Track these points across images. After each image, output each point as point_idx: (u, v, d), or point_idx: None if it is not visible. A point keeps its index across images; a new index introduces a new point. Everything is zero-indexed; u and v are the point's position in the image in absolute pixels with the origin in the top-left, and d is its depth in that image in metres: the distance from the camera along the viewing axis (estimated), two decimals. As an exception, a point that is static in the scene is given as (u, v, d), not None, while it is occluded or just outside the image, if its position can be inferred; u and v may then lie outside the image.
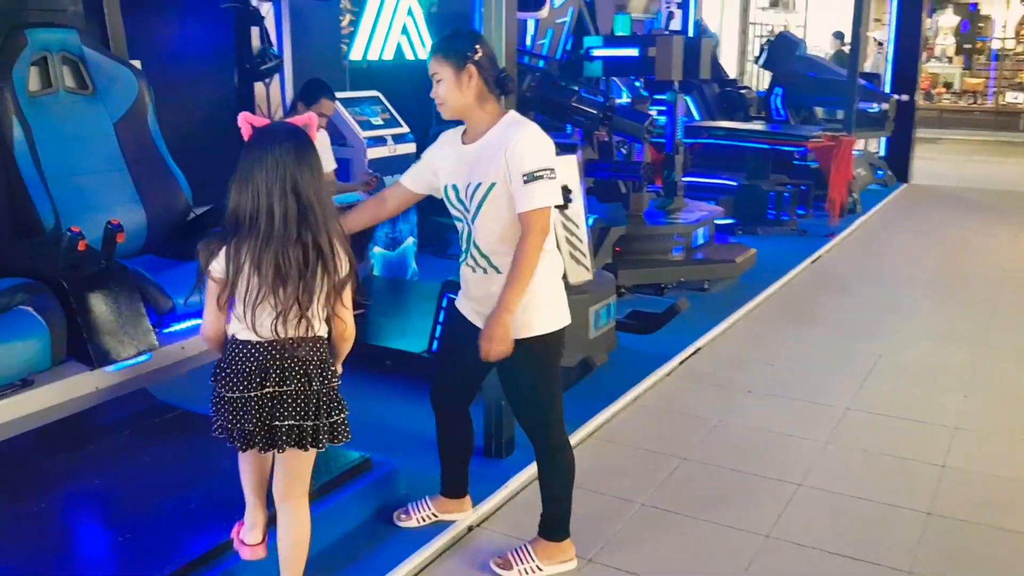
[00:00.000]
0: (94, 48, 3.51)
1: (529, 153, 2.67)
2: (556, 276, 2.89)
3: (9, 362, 2.54)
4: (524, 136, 2.69)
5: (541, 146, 2.71)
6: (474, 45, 2.74)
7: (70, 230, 2.75)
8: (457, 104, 2.76)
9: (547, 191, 2.67)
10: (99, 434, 3.70)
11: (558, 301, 2.89)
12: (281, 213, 2.26)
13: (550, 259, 2.84)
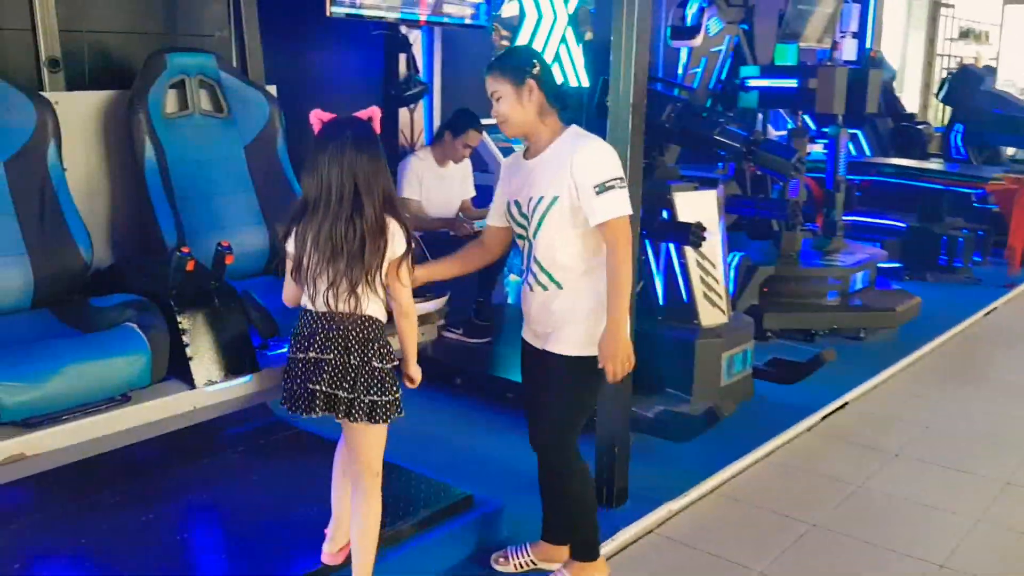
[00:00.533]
0: (231, 73, 3.59)
1: (597, 164, 2.64)
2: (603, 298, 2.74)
3: (109, 377, 2.58)
4: (591, 148, 2.67)
5: (608, 157, 2.68)
6: (531, 60, 2.72)
7: (180, 250, 2.79)
8: (519, 120, 2.72)
9: (619, 200, 2.63)
10: (219, 447, 3.76)
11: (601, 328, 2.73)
12: (338, 194, 2.45)
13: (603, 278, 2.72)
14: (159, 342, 2.70)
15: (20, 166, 2.97)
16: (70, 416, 2.50)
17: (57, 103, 3.22)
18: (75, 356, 2.52)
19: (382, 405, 2.56)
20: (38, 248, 2.95)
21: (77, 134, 3.30)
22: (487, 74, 2.74)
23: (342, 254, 2.46)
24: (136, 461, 3.44)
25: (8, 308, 2.91)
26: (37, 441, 2.43)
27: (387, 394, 2.57)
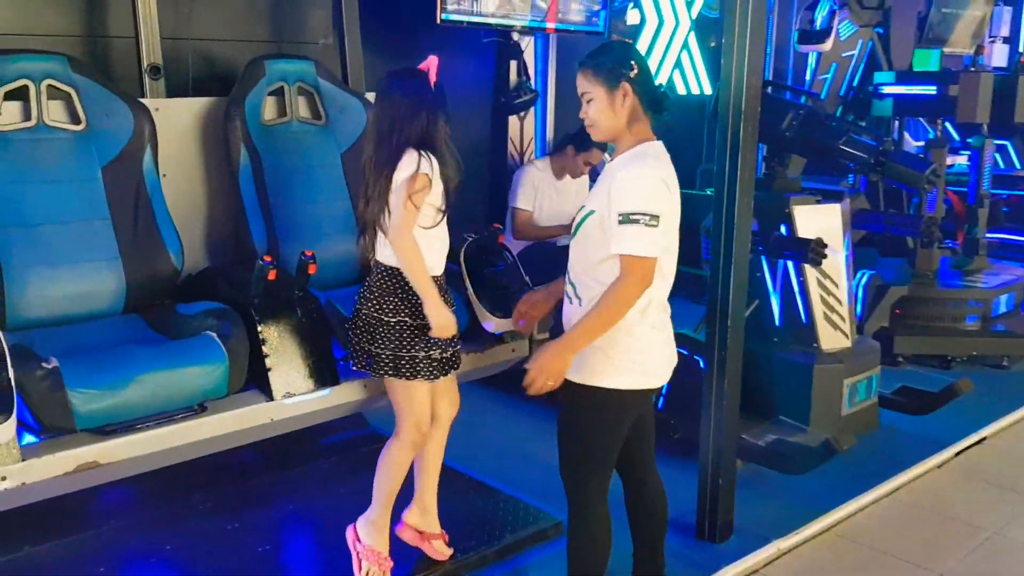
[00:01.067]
0: (330, 80, 3.55)
1: (631, 193, 2.35)
2: (647, 334, 2.50)
3: (185, 386, 2.54)
4: (633, 175, 2.38)
5: (647, 187, 2.37)
6: (629, 60, 2.45)
7: (262, 259, 2.74)
8: (609, 126, 2.48)
9: (640, 238, 2.33)
10: (312, 455, 3.73)
11: (633, 360, 2.48)
12: (375, 142, 2.59)
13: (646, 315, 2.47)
14: (238, 352, 2.64)
15: (117, 171, 2.99)
16: (145, 425, 2.47)
17: (157, 109, 3.24)
18: (151, 364, 2.49)
19: (376, 357, 2.59)
20: (131, 253, 2.96)
21: (176, 140, 3.31)
22: (579, 71, 2.52)
23: (365, 196, 2.57)
24: (227, 466, 3.44)
25: (101, 312, 2.92)
26: (111, 450, 2.41)
27: (384, 348, 2.59)
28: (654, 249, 2.34)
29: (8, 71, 2.86)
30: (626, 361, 2.47)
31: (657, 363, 2.54)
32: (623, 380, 2.48)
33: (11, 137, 2.86)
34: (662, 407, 4.26)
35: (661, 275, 2.44)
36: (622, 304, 2.37)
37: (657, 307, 2.50)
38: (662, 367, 2.56)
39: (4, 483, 2.24)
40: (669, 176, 2.43)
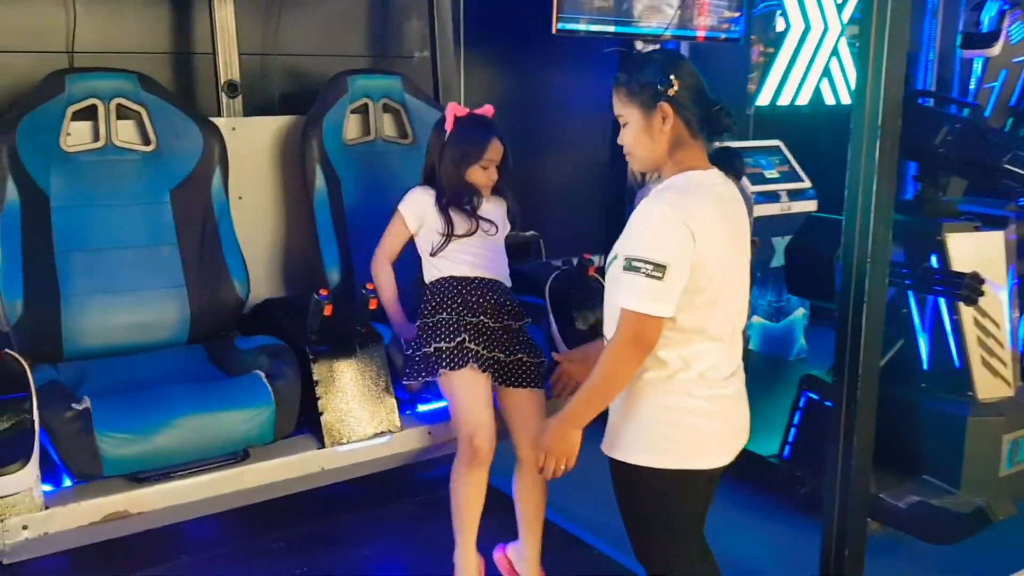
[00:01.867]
0: (418, 96, 3.32)
1: (638, 235, 1.94)
2: (694, 405, 2.02)
3: (226, 431, 2.34)
4: (647, 212, 1.95)
5: (657, 230, 1.92)
6: (668, 74, 1.98)
7: (319, 292, 2.52)
8: (647, 155, 2.05)
9: (635, 290, 1.90)
10: (396, 493, 3.50)
11: (664, 433, 2.02)
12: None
13: (697, 382, 2.01)
14: (286, 395, 2.43)
15: (185, 194, 2.85)
16: (179, 473, 2.28)
17: (234, 129, 3.10)
18: (189, 407, 2.30)
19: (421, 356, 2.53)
20: (196, 281, 2.81)
21: (254, 161, 3.16)
22: (613, 91, 2.07)
23: None
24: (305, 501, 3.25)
25: (162, 343, 2.78)
26: (142, 499, 2.24)
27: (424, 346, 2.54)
28: (655, 305, 1.90)
29: (77, 90, 2.77)
30: (653, 435, 2.02)
31: (704, 441, 2.04)
32: (658, 459, 2.03)
33: (79, 159, 2.76)
34: (788, 456, 3.82)
35: (706, 336, 1.99)
36: (618, 368, 1.96)
37: (712, 374, 2.02)
38: (714, 446, 2.05)
39: (25, 532, 2.10)
40: (707, 216, 1.95)
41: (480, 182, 2.72)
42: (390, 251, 2.77)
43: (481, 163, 2.70)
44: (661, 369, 2.00)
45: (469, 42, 4.90)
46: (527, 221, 4.52)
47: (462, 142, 2.70)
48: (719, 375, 2.04)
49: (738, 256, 2.07)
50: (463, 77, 4.95)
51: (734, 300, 2.06)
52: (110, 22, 3.16)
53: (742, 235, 2.11)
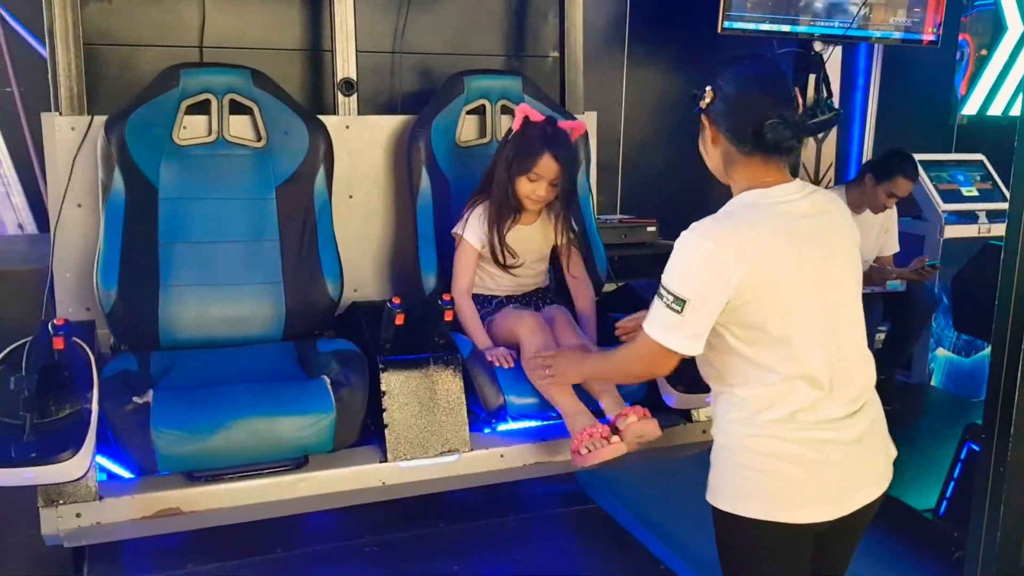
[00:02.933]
0: (538, 97, 3.15)
1: (671, 260, 1.79)
2: (785, 450, 1.79)
3: (283, 437, 2.28)
4: (683, 238, 1.77)
5: (688, 261, 1.76)
6: (705, 85, 1.84)
7: (391, 300, 2.42)
8: (713, 171, 1.93)
9: (654, 316, 1.81)
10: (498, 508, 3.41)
11: (761, 482, 1.80)
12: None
13: (768, 424, 1.80)
14: (350, 403, 2.34)
15: (289, 192, 2.84)
16: (234, 475, 2.25)
17: (348, 127, 3.07)
18: (247, 409, 2.25)
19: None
20: (291, 278, 2.79)
21: (366, 159, 3.11)
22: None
23: None
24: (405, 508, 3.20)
25: (258, 338, 2.78)
26: (195, 498, 2.22)
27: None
28: (671, 338, 1.78)
29: (191, 84, 2.81)
30: (740, 479, 1.83)
31: (798, 492, 1.80)
32: (745, 507, 1.83)
33: (190, 151, 2.81)
34: (944, 513, 3.38)
35: (786, 375, 1.78)
36: (621, 369, 2.09)
37: (807, 416, 1.79)
38: (813, 499, 1.81)
39: (79, 520, 2.13)
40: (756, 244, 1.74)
41: (525, 194, 2.67)
42: (467, 283, 2.75)
43: (528, 175, 2.64)
44: (742, 409, 1.83)
45: (632, 40, 4.69)
46: (684, 230, 4.27)
47: (518, 147, 2.66)
48: (818, 417, 1.80)
49: (820, 283, 1.81)
50: (625, 75, 4.75)
51: (819, 335, 1.79)
52: (237, 18, 3.21)
53: (834, 257, 1.84)
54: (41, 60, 3.20)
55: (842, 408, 1.82)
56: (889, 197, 4.22)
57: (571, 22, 3.30)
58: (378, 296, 3.11)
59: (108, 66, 3.08)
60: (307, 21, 3.30)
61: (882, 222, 4.40)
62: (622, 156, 4.70)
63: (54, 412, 2.08)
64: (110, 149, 2.63)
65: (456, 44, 3.48)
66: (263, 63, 2.98)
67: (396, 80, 3.39)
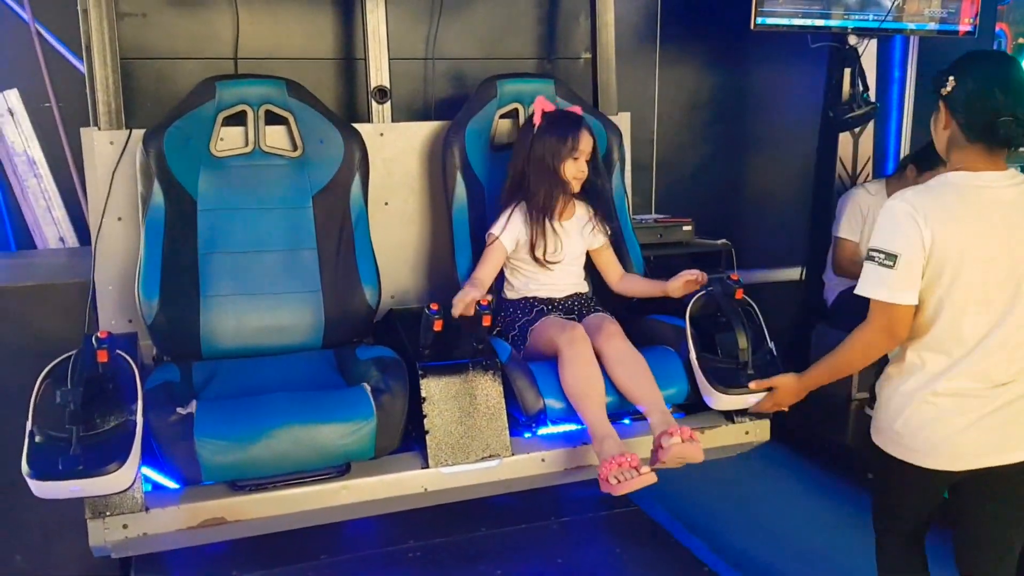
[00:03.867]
0: (571, 100, 3.14)
1: (877, 227, 2.08)
2: (927, 401, 2.10)
3: (325, 445, 2.29)
4: (887, 206, 2.08)
5: (889, 221, 2.05)
6: (948, 74, 2.07)
7: (429, 306, 2.42)
8: (937, 146, 2.17)
9: (872, 278, 2.06)
10: (542, 511, 3.37)
11: (890, 424, 2.17)
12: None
13: (935, 382, 2.09)
14: (391, 410, 2.35)
15: (326, 200, 2.86)
16: (277, 484, 2.26)
17: (382, 134, 3.08)
18: (288, 417, 2.27)
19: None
20: (330, 286, 2.80)
21: (401, 166, 3.12)
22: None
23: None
24: (449, 513, 3.20)
25: (299, 346, 2.80)
26: (239, 507, 2.24)
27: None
28: (888, 293, 2.04)
29: (227, 96, 2.83)
30: (884, 422, 2.19)
31: (930, 441, 2.10)
32: (883, 441, 2.21)
33: (227, 163, 2.83)
34: None
35: (940, 342, 2.06)
36: (861, 352, 2.16)
37: (958, 380, 2.06)
38: (940, 449, 2.09)
39: (125, 531, 2.15)
40: (948, 214, 2.01)
41: (572, 175, 2.78)
42: (484, 276, 2.78)
43: (573, 155, 2.76)
44: (899, 363, 2.15)
45: (664, 38, 4.66)
46: (720, 229, 4.24)
47: (554, 134, 2.76)
48: (961, 384, 2.06)
49: (1004, 264, 2.03)
50: (657, 74, 4.73)
51: (984, 309, 2.03)
52: (271, 29, 3.23)
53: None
54: (79, 75, 3.25)
55: (989, 379, 2.05)
56: None
57: (602, 22, 3.28)
58: (415, 302, 3.11)
59: (145, 80, 3.12)
60: (340, 30, 3.32)
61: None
62: (656, 155, 4.67)
63: (99, 425, 2.10)
64: (149, 162, 2.66)
65: (488, 48, 3.48)
66: (297, 73, 2.99)
67: (429, 86, 3.40)
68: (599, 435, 2.37)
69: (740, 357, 2.53)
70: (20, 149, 3.62)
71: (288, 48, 3.25)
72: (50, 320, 2.87)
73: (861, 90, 4.45)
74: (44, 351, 2.27)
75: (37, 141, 3.62)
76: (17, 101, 3.59)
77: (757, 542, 3.27)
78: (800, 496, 3.02)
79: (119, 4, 2.95)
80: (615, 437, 2.37)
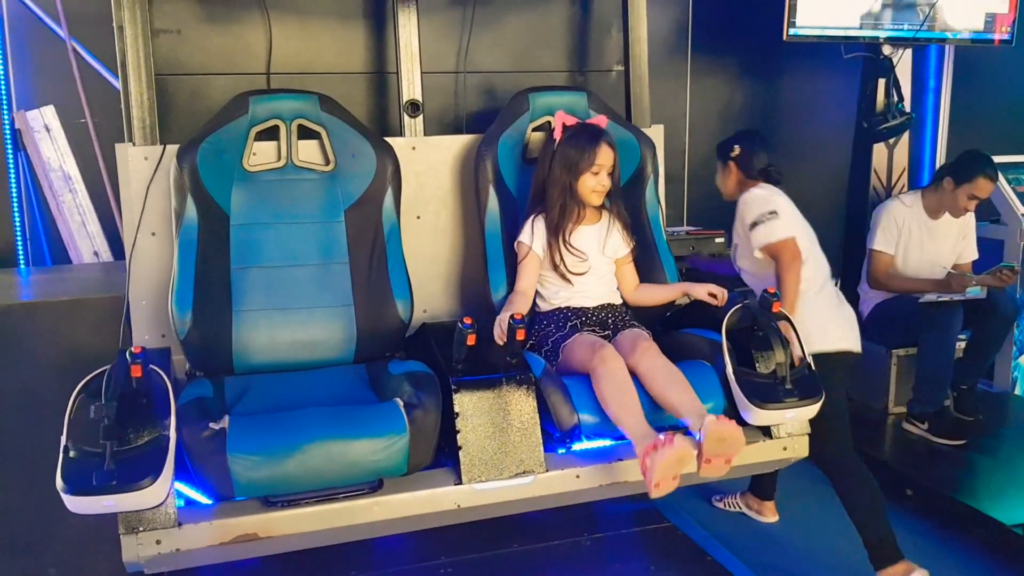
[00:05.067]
0: (602, 111, 3.12)
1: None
2: (821, 307, 3.01)
3: (358, 460, 2.27)
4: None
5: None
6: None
7: (462, 320, 2.40)
8: None
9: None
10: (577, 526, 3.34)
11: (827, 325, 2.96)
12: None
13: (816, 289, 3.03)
14: (424, 426, 2.33)
15: (358, 214, 2.85)
16: (309, 500, 2.25)
17: (414, 148, 3.07)
18: (321, 432, 2.25)
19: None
20: (362, 300, 2.79)
21: (433, 180, 3.11)
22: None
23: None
24: (479, 529, 3.18)
25: (331, 361, 2.79)
26: (272, 523, 2.22)
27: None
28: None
29: (260, 111, 2.84)
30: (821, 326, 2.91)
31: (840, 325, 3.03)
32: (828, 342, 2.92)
33: (260, 177, 2.83)
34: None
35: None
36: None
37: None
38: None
39: (158, 547, 2.15)
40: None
41: (591, 189, 2.81)
42: (526, 286, 2.82)
43: (592, 169, 2.78)
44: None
45: (695, 50, 4.64)
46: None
47: (572, 148, 2.80)
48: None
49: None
50: (689, 86, 4.70)
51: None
52: (304, 44, 3.24)
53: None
54: (113, 91, 3.27)
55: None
56: (970, 200, 4.09)
57: (635, 35, 3.26)
58: (447, 317, 3.09)
59: (178, 95, 3.13)
60: (372, 44, 3.32)
61: (960, 228, 4.26)
62: (688, 168, 4.65)
63: (133, 440, 2.10)
64: (182, 177, 2.67)
65: (519, 61, 3.46)
66: (329, 87, 3.00)
67: (461, 100, 3.39)
68: (637, 435, 2.36)
69: (777, 372, 2.49)
70: (56, 165, 3.66)
71: (320, 63, 3.25)
72: (84, 335, 2.89)
73: (896, 100, 4.40)
74: (78, 366, 2.28)
75: (72, 157, 3.66)
76: (53, 117, 3.63)
77: (792, 560, 3.22)
78: (835, 513, 2.97)
79: (154, 21, 2.97)
80: (653, 434, 2.34)
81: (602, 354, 2.49)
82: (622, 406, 2.41)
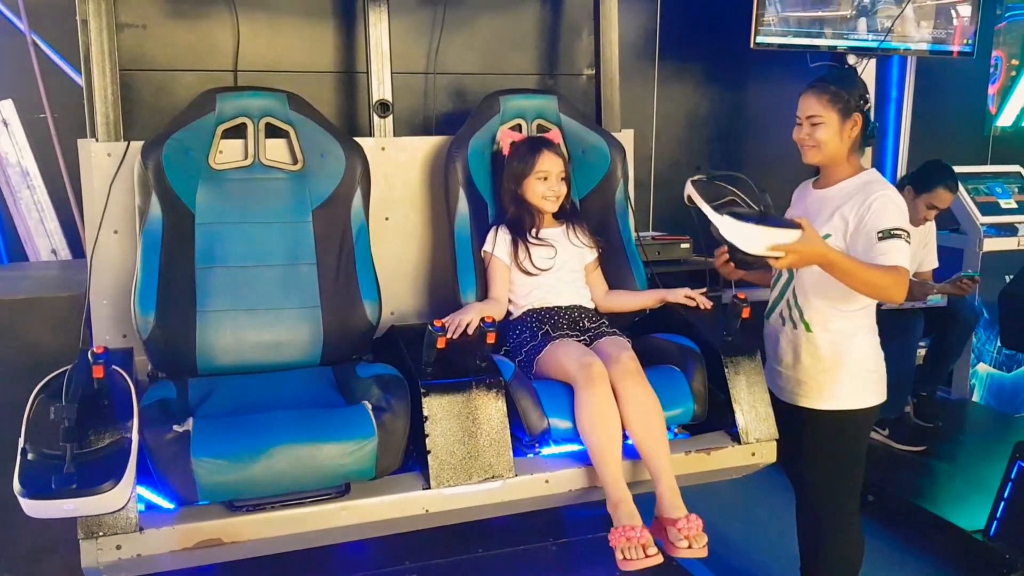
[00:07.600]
0: (574, 117, 3.12)
1: (889, 212, 2.50)
2: (874, 353, 2.72)
3: (324, 464, 2.24)
4: (882, 195, 2.54)
5: (900, 205, 2.56)
6: (865, 94, 2.63)
7: (433, 323, 2.38)
8: (833, 152, 2.63)
9: (903, 251, 2.45)
10: (539, 532, 3.33)
11: (871, 378, 2.70)
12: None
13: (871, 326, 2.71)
14: (392, 429, 2.30)
15: (326, 215, 2.81)
16: (275, 505, 2.21)
17: (384, 148, 3.04)
18: (288, 436, 2.21)
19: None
20: (329, 302, 2.75)
21: (402, 181, 3.08)
22: (812, 93, 2.64)
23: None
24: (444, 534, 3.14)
25: (297, 363, 2.74)
26: (236, 527, 2.18)
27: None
28: (907, 260, 2.45)
29: (227, 108, 2.79)
30: (866, 380, 2.69)
31: (879, 377, 2.74)
32: (868, 397, 2.70)
33: (226, 176, 2.78)
34: (995, 533, 3.30)
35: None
36: (871, 281, 2.41)
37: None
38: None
39: (119, 552, 2.09)
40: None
41: (541, 195, 2.83)
42: (498, 293, 2.83)
43: (536, 175, 2.83)
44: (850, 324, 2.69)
45: (663, 56, 4.66)
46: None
47: (516, 160, 2.86)
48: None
49: None
50: (656, 92, 4.71)
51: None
52: (272, 41, 3.20)
53: None
54: (74, 86, 3.21)
55: None
56: (929, 209, 4.16)
57: (606, 38, 3.26)
58: (416, 319, 3.07)
59: (143, 92, 3.07)
60: (342, 43, 3.28)
61: (921, 237, 4.33)
62: (654, 172, 4.66)
63: (94, 442, 2.05)
64: (147, 175, 2.61)
65: (490, 63, 3.45)
66: (298, 86, 2.95)
67: (431, 101, 3.36)
68: (614, 498, 2.34)
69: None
70: (14, 160, 3.57)
71: (289, 61, 3.21)
72: (42, 334, 2.82)
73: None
74: (35, 365, 2.22)
75: (31, 152, 3.57)
76: (12, 112, 3.54)
77: (756, 564, 3.25)
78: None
79: (119, 15, 2.91)
80: (629, 503, 2.32)
81: (588, 373, 2.42)
82: (604, 453, 2.36)
